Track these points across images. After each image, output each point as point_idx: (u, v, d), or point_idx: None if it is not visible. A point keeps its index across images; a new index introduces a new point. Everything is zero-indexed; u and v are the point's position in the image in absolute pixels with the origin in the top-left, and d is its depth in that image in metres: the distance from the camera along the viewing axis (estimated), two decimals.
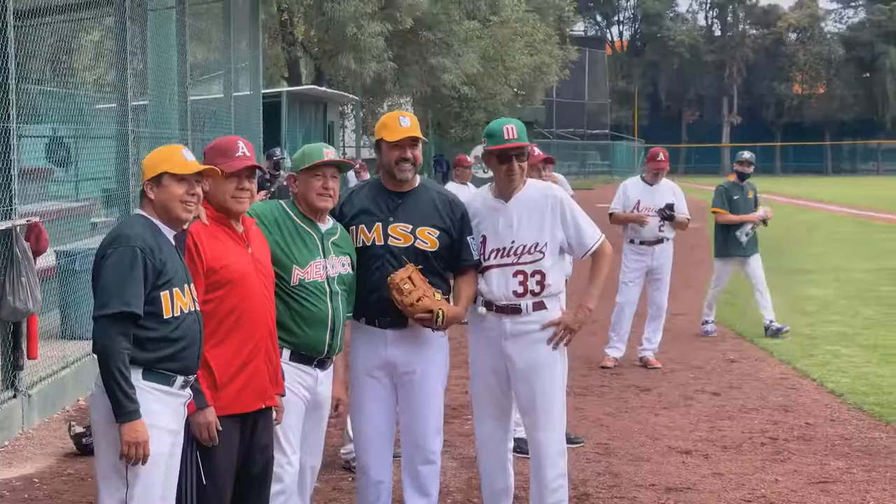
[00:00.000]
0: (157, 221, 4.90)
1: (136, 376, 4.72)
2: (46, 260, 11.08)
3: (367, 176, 21.78)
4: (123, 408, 4.63)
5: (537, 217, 6.18)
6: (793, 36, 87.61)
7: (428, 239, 6.07)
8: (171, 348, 4.80)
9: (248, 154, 5.21)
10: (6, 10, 8.95)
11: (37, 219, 9.18)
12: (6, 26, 8.95)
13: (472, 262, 6.20)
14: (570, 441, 8.40)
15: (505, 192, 6.24)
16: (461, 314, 6.17)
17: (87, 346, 10.73)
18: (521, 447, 7.19)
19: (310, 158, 5.69)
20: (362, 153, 38.05)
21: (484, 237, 6.23)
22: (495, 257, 6.20)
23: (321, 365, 5.72)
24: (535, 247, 6.15)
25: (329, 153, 5.70)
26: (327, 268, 5.67)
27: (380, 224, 6.02)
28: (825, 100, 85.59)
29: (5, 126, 8.90)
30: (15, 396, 8.90)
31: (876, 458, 8.19)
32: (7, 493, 7.49)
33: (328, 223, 5.82)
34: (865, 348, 12.57)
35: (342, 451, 8.20)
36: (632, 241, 11.76)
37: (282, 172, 17.44)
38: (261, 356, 5.21)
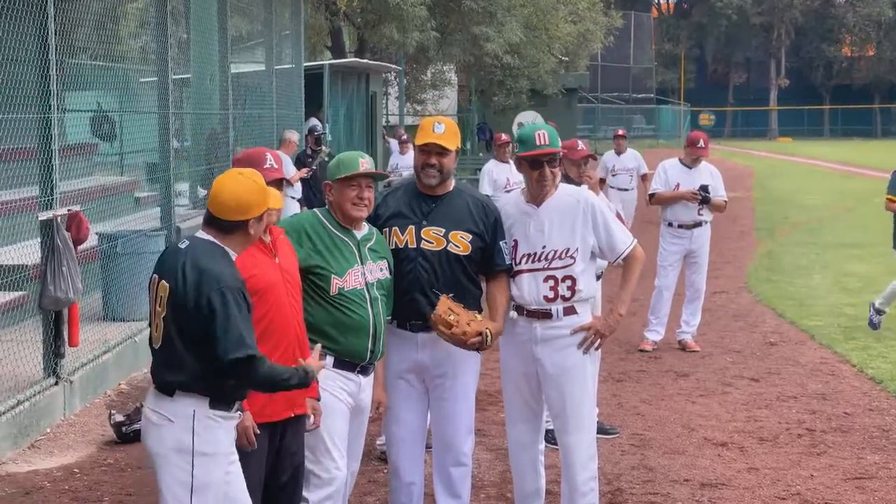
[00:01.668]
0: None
1: (202, 405, 4.73)
2: (88, 241, 11.21)
3: (410, 147, 21.74)
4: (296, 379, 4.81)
5: (568, 222, 6.20)
6: None
7: (460, 243, 6.09)
8: None
9: (275, 166, 5.25)
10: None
11: (78, 208, 9.26)
12: (47, 17, 8.96)
13: (504, 267, 6.21)
14: (605, 432, 8.47)
15: (536, 197, 6.25)
16: (502, 328, 6.20)
17: (129, 328, 10.89)
18: (553, 438, 7.21)
19: (345, 169, 5.68)
20: (405, 120, 38.01)
21: (515, 242, 6.25)
22: (526, 262, 6.23)
23: (364, 371, 5.74)
24: (566, 252, 6.17)
25: (365, 163, 5.68)
26: (366, 274, 5.66)
27: (413, 227, 6.04)
28: (874, 62, 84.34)
29: (46, 117, 8.96)
30: (57, 383, 9.01)
31: None
32: (48, 483, 7.61)
33: (364, 229, 5.82)
34: None
35: (378, 441, 8.23)
36: (670, 225, 11.70)
37: (323, 147, 17.49)
38: (289, 364, 5.24)
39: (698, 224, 11.64)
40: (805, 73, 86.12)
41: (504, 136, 15.93)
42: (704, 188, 11.48)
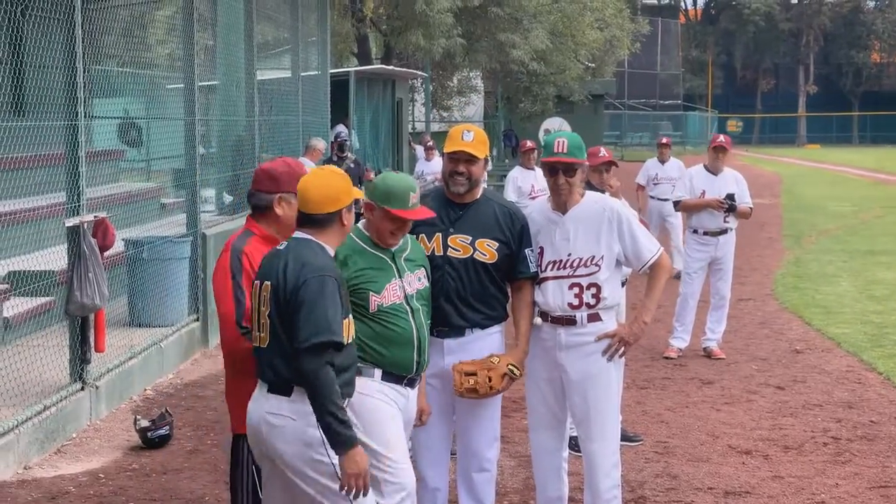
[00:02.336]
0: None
1: None
2: (115, 247, 11.28)
3: (435, 154, 21.76)
4: (341, 436, 4.70)
5: (594, 230, 6.21)
6: (871, 3, 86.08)
7: (487, 251, 6.10)
8: (349, 374, 4.96)
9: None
10: (74, 8, 9.03)
11: (104, 214, 9.31)
12: (74, 25, 9.02)
13: (529, 275, 6.22)
14: (628, 439, 8.46)
15: (560, 204, 6.26)
16: (526, 348, 6.23)
17: (155, 333, 10.94)
18: (577, 445, 7.20)
19: (395, 203, 5.42)
20: (432, 127, 38.06)
21: (541, 249, 6.27)
22: (552, 269, 6.24)
23: (411, 383, 5.62)
24: (591, 260, 6.17)
25: (414, 197, 5.50)
26: (404, 287, 5.54)
27: (440, 234, 6.06)
28: None
29: (74, 124, 9.02)
30: (83, 389, 9.06)
31: None
32: (73, 488, 7.64)
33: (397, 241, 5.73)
34: None
35: None
36: (695, 232, 11.67)
37: (348, 154, 17.53)
38: None
39: (724, 231, 11.60)
40: (834, 80, 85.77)
41: (529, 143, 15.91)
42: (731, 196, 11.45)
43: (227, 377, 5.54)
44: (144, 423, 8.66)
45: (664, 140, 18.45)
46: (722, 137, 11.78)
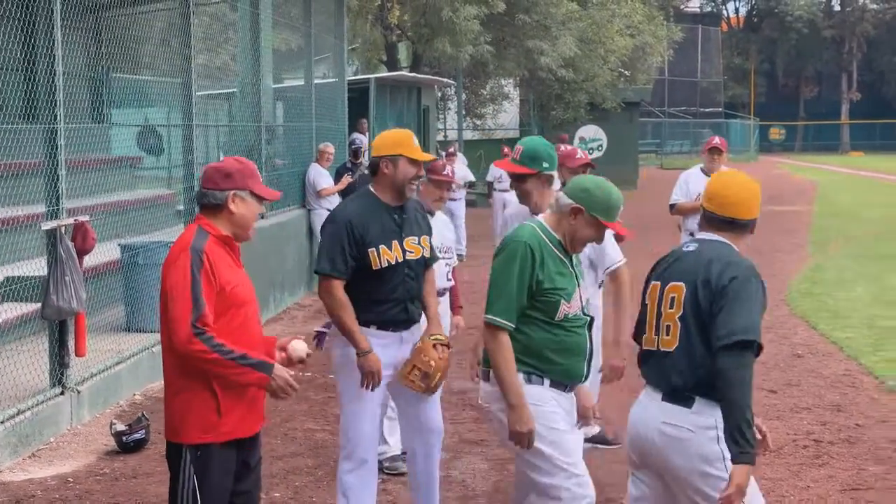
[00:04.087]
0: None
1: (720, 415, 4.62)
2: (111, 253, 11.31)
3: (454, 161, 21.70)
4: (748, 446, 4.48)
5: None
6: None
7: (427, 246, 6.34)
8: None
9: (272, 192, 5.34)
10: (53, 12, 9.07)
11: (85, 218, 9.31)
12: (53, 27, 9.06)
13: (433, 262, 6.54)
14: (606, 442, 8.37)
15: (531, 207, 6.39)
16: (438, 323, 6.46)
17: (147, 339, 10.93)
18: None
19: (611, 215, 5.28)
20: (465, 135, 38.00)
21: None
22: None
23: (572, 388, 5.44)
24: None
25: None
26: (581, 296, 5.38)
27: (396, 241, 6.18)
28: None
29: (52, 126, 9.02)
30: (63, 393, 9.06)
31: None
32: (40, 492, 7.64)
33: None
34: None
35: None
36: (692, 234, 11.50)
37: (363, 160, 17.50)
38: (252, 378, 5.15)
39: None
40: (877, 87, 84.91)
41: (506, 149, 15.86)
42: None
43: (168, 381, 5.31)
44: (120, 426, 8.65)
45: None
46: (717, 139, 11.66)
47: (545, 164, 6.32)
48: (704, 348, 4.59)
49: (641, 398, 4.87)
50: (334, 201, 16.69)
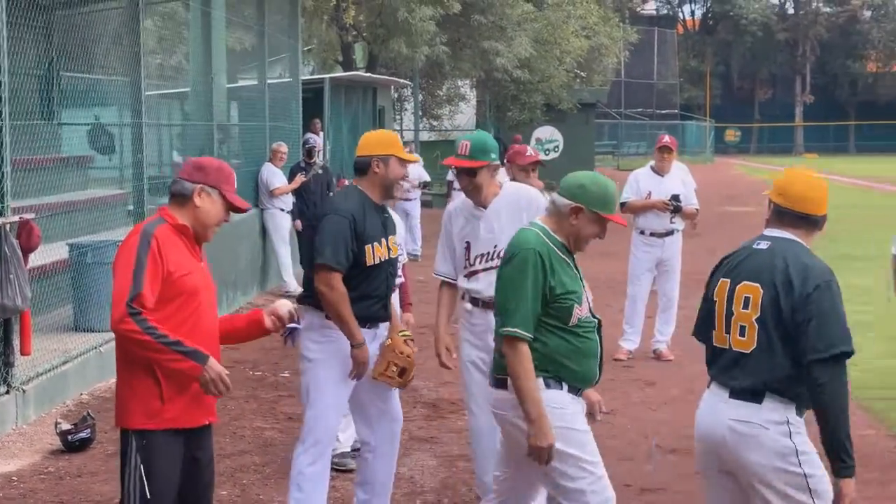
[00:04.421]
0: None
1: (791, 411, 4.66)
2: (59, 253, 11.21)
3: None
4: (849, 461, 4.55)
5: (515, 220, 6.37)
6: (867, 13, 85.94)
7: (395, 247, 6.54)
8: None
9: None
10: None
11: (31, 216, 9.22)
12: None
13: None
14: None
15: (476, 200, 6.54)
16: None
17: (95, 338, 10.83)
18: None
19: (609, 207, 5.28)
20: (422, 136, 37.98)
21: (468, 244, 6.58)
22: (481, 262, 6.57)
23: (583, 391, 5.41)
24: None
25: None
26: (588, 300, 5.37)
27: (384, 238, 6.33)
28: None
29: None
30: (8, 392, 8.97)
31: (874, 458, 8.02)
32: None
33: None
34: (888, 339, 12.29)
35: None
36: (642, 233, 11.59)
37: (317, 160, 17.46)
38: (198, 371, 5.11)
39: (670, 232, 11.53)
40: (830, 89, 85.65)
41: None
42: (676, 197, 11.37)
43: (117, 367, 5.16)
44: (66, 426, 8.57)
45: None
46: (667, 138, 11.73)
47: (493, 155, 6.52)
48: (783, 353, 4.61)
49: (707, 398, 4.86)
50: (287, 201, 16.66)
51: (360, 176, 6.33)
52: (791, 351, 4.59)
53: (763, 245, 4.78)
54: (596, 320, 5.28)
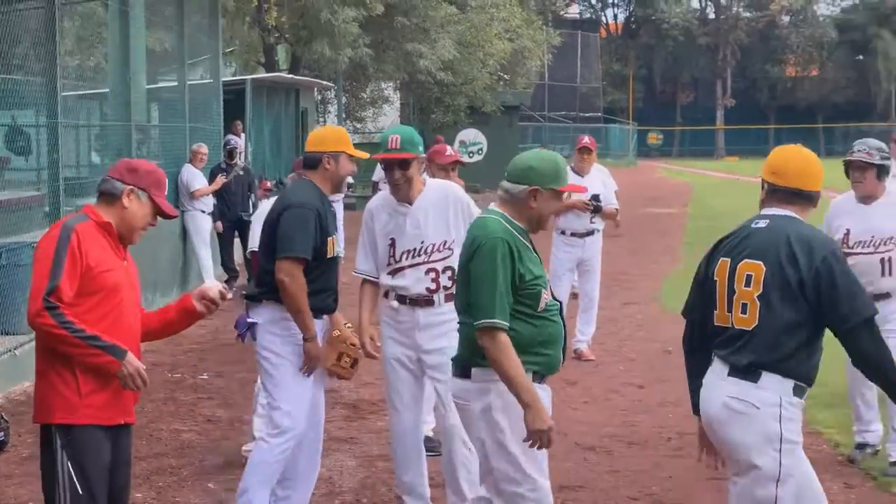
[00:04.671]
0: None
1: (787, 391, 4.77)
2: None
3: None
4: None
5: (442, 216, 6.53)
6: (786, 19, 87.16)
7: None
8: None
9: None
10: None
11: None
12: None
13: None
14: None
15: (402, 197, 6.55)
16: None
17: (8, 341, 10.68)
18: (429, 447, 7.26)
19: (563, 178, 5.25)
20: None
21: (393, 240, 6.57)
22: (407, 258, 6.56)
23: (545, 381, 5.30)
24: (444, 244, 6.51)
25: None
26: (550, 281, 5.31)
27: (335, 232, 6.51)
28: (818, 82, 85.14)
29: None
30: None
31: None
32: None
33: None
34: None
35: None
36: (562, 233, 11.64)
37: (238, 161, 17.35)
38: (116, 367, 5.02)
39: (590, 232, 11.60)
40: (751, 93, 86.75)
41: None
42: (595, 198, 11.42)
43: (36, 362, 5.08)
44: None
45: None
46: (587, 139, 11.80)
47: (420, 148, 6.62)
48: (785, 328, 4.69)
49: (708, 376, 4.90)
50: (208, 202, 16.53)
51: (310, 171, 6.46)
52: (794, 326, 4.69)
53: (762, 223, 4.87)
54: (559, 303, 5.25)
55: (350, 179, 22.78)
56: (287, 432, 6.37)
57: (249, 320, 6.62)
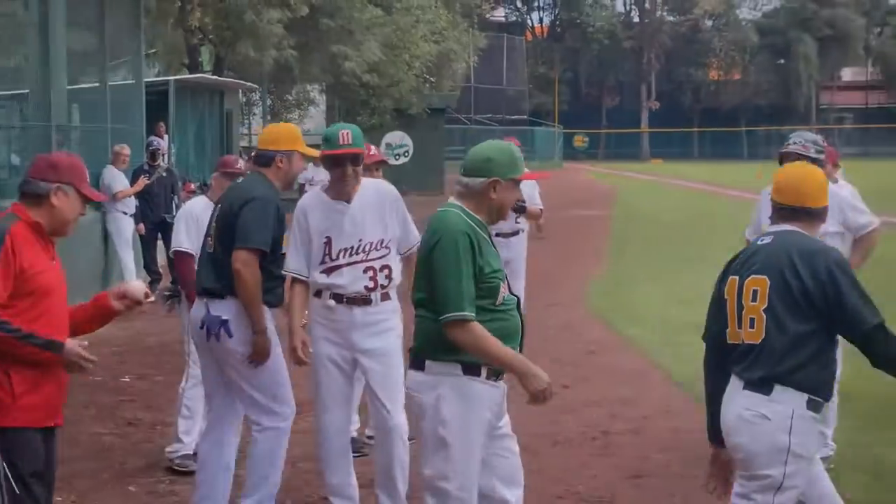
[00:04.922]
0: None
1: (800, 403, 4.80)
2: None
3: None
4: None
5: (379, 214, 6.57)
6: (709, 23, 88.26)
7: None
8: None
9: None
10: None
11: None
12: None
13: None
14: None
15: (342, 194, 6.52)
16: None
17: None
18: (354, 448, 7.29)
19: (520, 167, 5.25)
20: None
21: (329, 238, 6.50)
22: (344, 256, 6.51)
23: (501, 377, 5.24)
24: (381, 243, 6.54)
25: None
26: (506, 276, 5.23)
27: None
28: (740, 86, 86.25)
29: None
30: None
31: (697, 450, 8.14)
32: None
33: None
34: None
35: (167, 449, 8.04)
36: (496, 235, 11.63)
37: (161, 163, 17.19)
38: (59, 372, 5.05)
39: (515, 232, 11.62)
40: (675, 97, 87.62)
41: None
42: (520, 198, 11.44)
43: None
44: None
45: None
46: (513, 141, 11.79)
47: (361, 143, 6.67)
48: (793, 341, 4.74)
49: (727, 391, 4.94)
50: (130, 204, 16.36)
51: (263, 168, 6.52)
52: (802, 337, 4.75)
53: (768, 240, 4.98)
54: (516, 297, 5.21)
55: (300, 179, 22.78)
56: (289, 417, 6.61)
57: (221, 317, 6.46)
